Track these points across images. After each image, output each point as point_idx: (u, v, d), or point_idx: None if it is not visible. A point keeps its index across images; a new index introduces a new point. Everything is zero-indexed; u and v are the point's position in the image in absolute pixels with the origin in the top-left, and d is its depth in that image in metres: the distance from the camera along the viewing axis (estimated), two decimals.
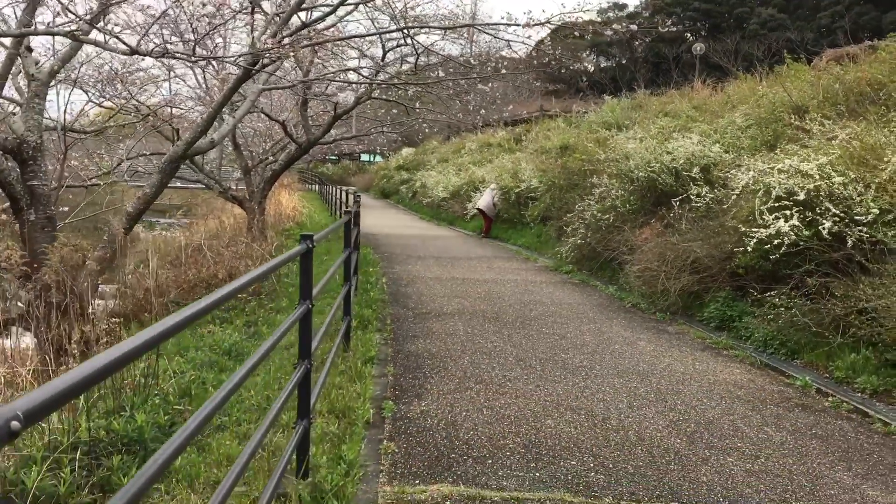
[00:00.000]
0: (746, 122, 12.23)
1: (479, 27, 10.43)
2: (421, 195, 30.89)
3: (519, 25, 8.63)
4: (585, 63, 63.76)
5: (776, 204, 7.89)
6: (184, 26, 6.16)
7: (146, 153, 16.39)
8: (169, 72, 14.86)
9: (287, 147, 18.17)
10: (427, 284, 11.42)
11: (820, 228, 7.36)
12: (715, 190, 10.22)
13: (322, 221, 22.67)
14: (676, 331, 8.74)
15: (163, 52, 5.98)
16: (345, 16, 11.11)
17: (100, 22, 6.08)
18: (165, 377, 6.36)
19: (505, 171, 21.16)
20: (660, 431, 5.21)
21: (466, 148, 32.43)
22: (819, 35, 42.85)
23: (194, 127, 8.86)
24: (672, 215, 10.73)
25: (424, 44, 12.78)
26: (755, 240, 7.78)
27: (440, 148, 37.78)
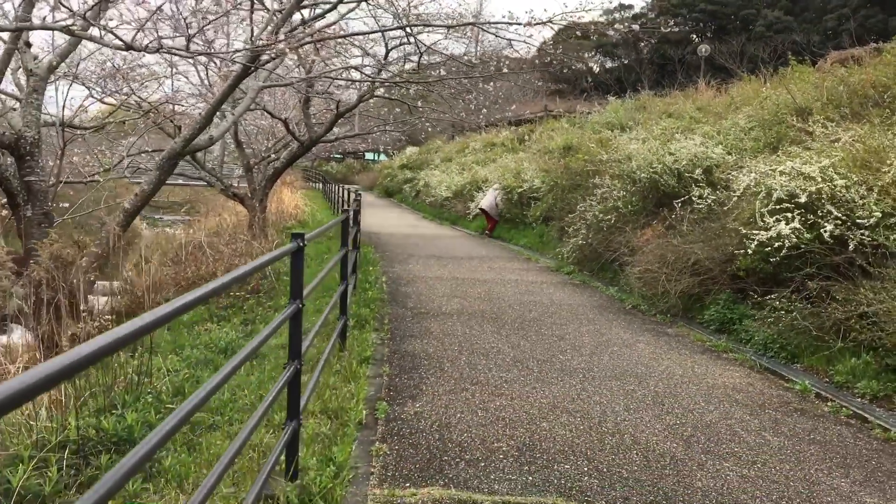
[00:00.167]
0: (750, 124, 12.16)
1: (480, 26, 10.36)
2: (424, 194, 30.83)
3: (520, 24, 8.58)
4: (591, 63, 63.66)
5: (777, 206, 7.82)
6: (185, 22, 6.11)
7: (148, 150, 16.36)
8: (171, 68, 14.85)
9: (289, 145, 18.13)
10: (427, 284, 11.37)
11: (821, 231, 7.30)
12: (717, 192, 10.15)
13: (324, 220, 22.62)
14: (676, 333, 8.67)
15: (157, 48, 5.94)
16: (347, 13, 11.07)
17: (95, 17, 6.03)
18: (159, 375, 6.31)
19: (508, 171, 21.09)
20: (656, 435, 5.15)
21: (470, 147, 32.36)
22: (825, 38, 42.70)
23: (192, 124, 8.81)
24: (674, 217, 10.66)
25: (427, 42, 12.74)
26: (756, 242, 7.71)
27: (444, 147, 37.70)
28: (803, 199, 7.60)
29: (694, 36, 56.83)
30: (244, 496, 4.00)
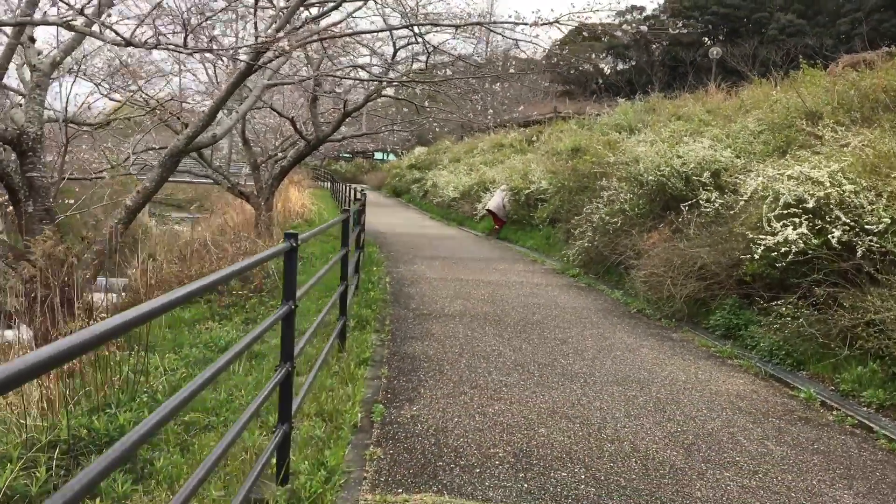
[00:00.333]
0: (759, 128, 12.04)
1: (487, 25, 10.28)
2: (432, 195, 30.77)
3: (526, 24, 8.50)
4: (602, 65, 63.47)
5: (785, 211, 7.71)
6: (184, 18, 6.06)
7: (155, 147, 16.33)
8: (179, 66, 14.82)
9: (297, 144, 18.10)
10: (431, 285, 11.29)
11: (829, 237, 7.19)
12: (725, 195, 10.04)
13: (331, 219, 22.56)
14: (681, 338, 8.57)
15: (156, 44, 5.88)
16: (353, 11, 11.00)
17: (95, 12, 5.98)
18: (156, 374, 6.26)
19: (515, 173, 21.00)
20: (656, 443, 5.06)
21: (479, 148, 32.28)
22: (838, 41, 42.45)
23: (195, 121, 8.77)
24: (681, 220, 10.56)
25: (435, 42, 12.68)
26: (762, 247, 7.61)
27: (453, 148, 37.63)
28: (811, 204, 7.50)
29: (706, 38, 56.64)
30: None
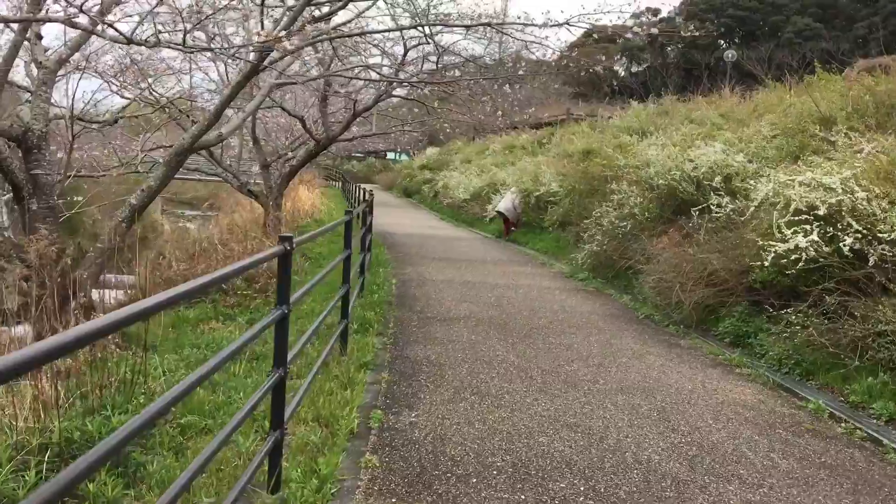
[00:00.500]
0: (773, 132, 11.89)
1: (496, 26, 10.19)
2: (442, 195, 30.71)
3: (536, 26, 8.40)
4: (616, 67, 63.26)
5: (795, 218, 7.58)
6: (182, 17, 6.01)
7: (165, 145, 16.32)
8: (190, 64, 14.80)
9: (307, 143, 18.06)
10: (437, 287, 11.21)
11: (841, 245, 7.05)
12: (736, 200, 9.90)
13: (340, 218, 22.51)
14: (689, 345, 8.45)
15: (156, 42, 5.83)
16: (363, 11, 10.93)
17: (98, 10, 5.94)
18: (156, 375, 6.20)
19: (526, 174, 20.90)
20: (658, 454, 4.95)
21: (490, 149, 32.19)
22: (855, 46, 42.11)
23: (201, 120, 8.72)
24: (691, 225, 10.43)
25: (447, 43, 12.59)
26: (772, 254, 7.48)
27: (464, 148, 37.53)
28: (823, 211, 7.36)
29: (721, 41, 56.36)
30: None
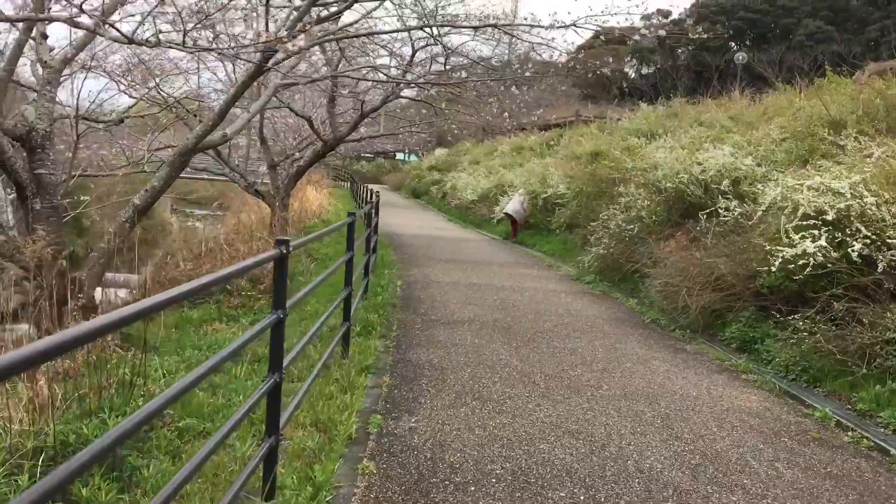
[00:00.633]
0: (782, 135, 11.78)
1: (501, 27, 10.12)
2: (450, 197, 30.66)
3: (543, 27, 8.33)
4: (626, 68, 63.09)
5: (803, 222, 7.48)
6: (181, 17, 5.97)
7: (173, 145, 16.32)
8: (198, 64, 14.79)
9: (314, 143, 18.04)
10: (442, 289, 11.14)
11: (849, 251, 6.96)
12: (745, 204, 9.81)
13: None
14: (695, 350, 8.36)
15: (156, 42, 5.79)
16: (370, 12, 10.88)
17: (100, 10, 5.92)
18: (156, 377, 6.16)
19: (534, 176, 20.83)
20: (661, 463, 4.88)
21: (499, 151, 32.12)
22: (866, 49, 41.86)
23: (205, 120, 8.69)
24: (698, 229, 10.34)
25: (455, 44, 12.54)
26: (780, 259, 7.39)
27: (472, 150, 37.46)
28: (831, 216, 7.27)
29: (732, 43, 56.11)
30: None
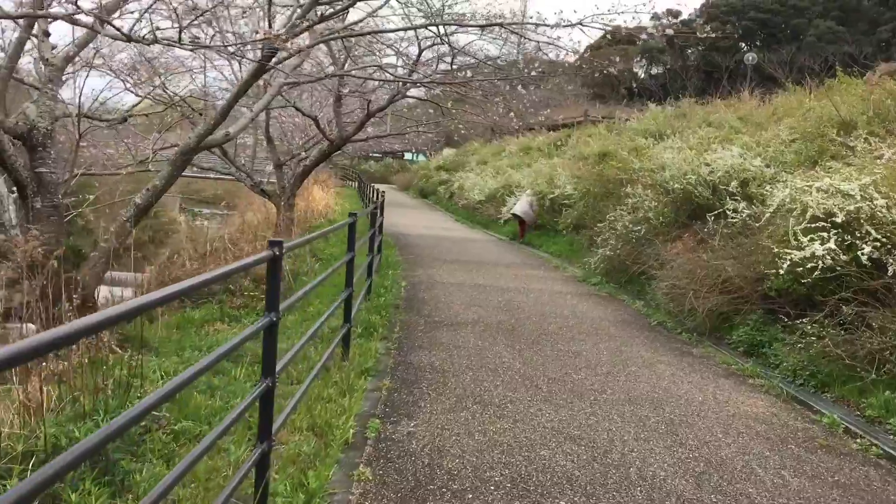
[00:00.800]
0: (791, 136, 11.64)
1: (506, 26, 10.03)
2: (458, 197, 30.57)
3: (548, 26, 8.24)
4: (636, 69, 62.88)
5: (812, 225, 7.36)
6: (176, 13, 5.90)
7: (180, 143, 16.28)
8: (204, 63, 14.74)
9: (321, 143, 17.98)
10: (447, 291, 11.05)
11: (859, 254, 6.83)
12: (753, 206, 9.68)
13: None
14: (701, 354, 8.25)
15: (153, 39, 5.73)
16: (374, 11, 10.79)
17: (108, 12, 5.85)
18: (154, 378, 6.08)
19: (541, 177, 20.73)
20: (664, 470, 4.77)
21: (506, 151, 32.00)
22: (878, 49, 41.58)
23: (206, 119, 8.62)
24: (706, 230, 10.22)
25: (462, 43, 12.44)
26: (788, 262, 7.26)
27: (481, 150, 37.34)
28: (840, 219, 7.14)
29: (742, 44, 55.86)
30: None
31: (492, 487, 4.30)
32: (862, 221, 7.07)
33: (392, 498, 4.07)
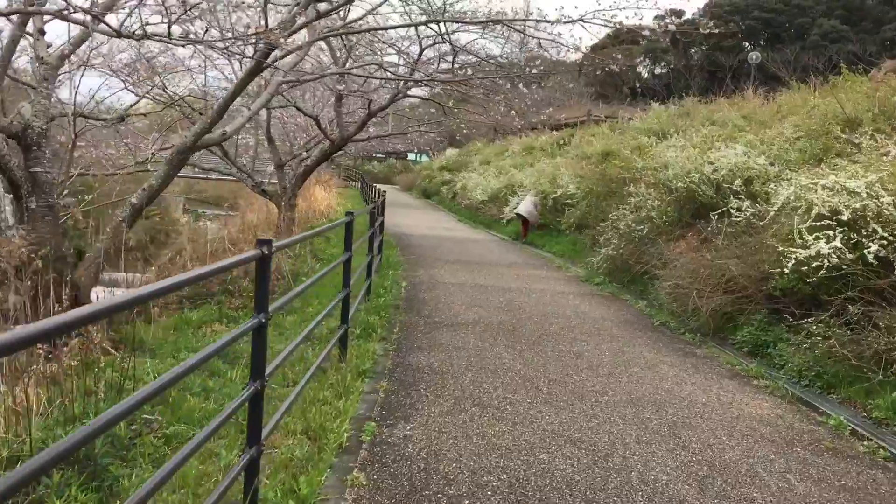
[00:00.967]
0: (795, 134, 11.51)
1: (507, 23, 9.92)
2: (461, 197, 30.47)
3: (549, 22, 8.13)
4: (639, 68, 62.71)
5: (817, 223, 7.23)
6: (167, 8, 5.81)
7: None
8: (204, 62, 14.66)
9: (322, 143, 17.88)
10: (448, 291, 10.94)
11: (865, 252, 6.71)
12: (757, 204, 9.56)
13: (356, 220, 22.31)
14: (705, 354, 8.12)
15: (143, 35, 5.63)
16: (373, 9, 10.69)
17: (92, 4, 5.75)
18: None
19: (544, 176, 20.62)
20: (667, 474, 4.65)
21: (509, 150, 31.90)
22: (882, 48, 41.38)
23: (203, 118, 8.52)
24: (710, 229, 10.09)
25: (464, 41, 12.34)
26: (793, 261, 7.14)
27: (484, 150, 37.24)
28: (846, 217, 7.02)
29: (746, 43, 55.67)
30: None
31: (489, 493, 4.19)
32: (868, 219, 6.95)
33: None
